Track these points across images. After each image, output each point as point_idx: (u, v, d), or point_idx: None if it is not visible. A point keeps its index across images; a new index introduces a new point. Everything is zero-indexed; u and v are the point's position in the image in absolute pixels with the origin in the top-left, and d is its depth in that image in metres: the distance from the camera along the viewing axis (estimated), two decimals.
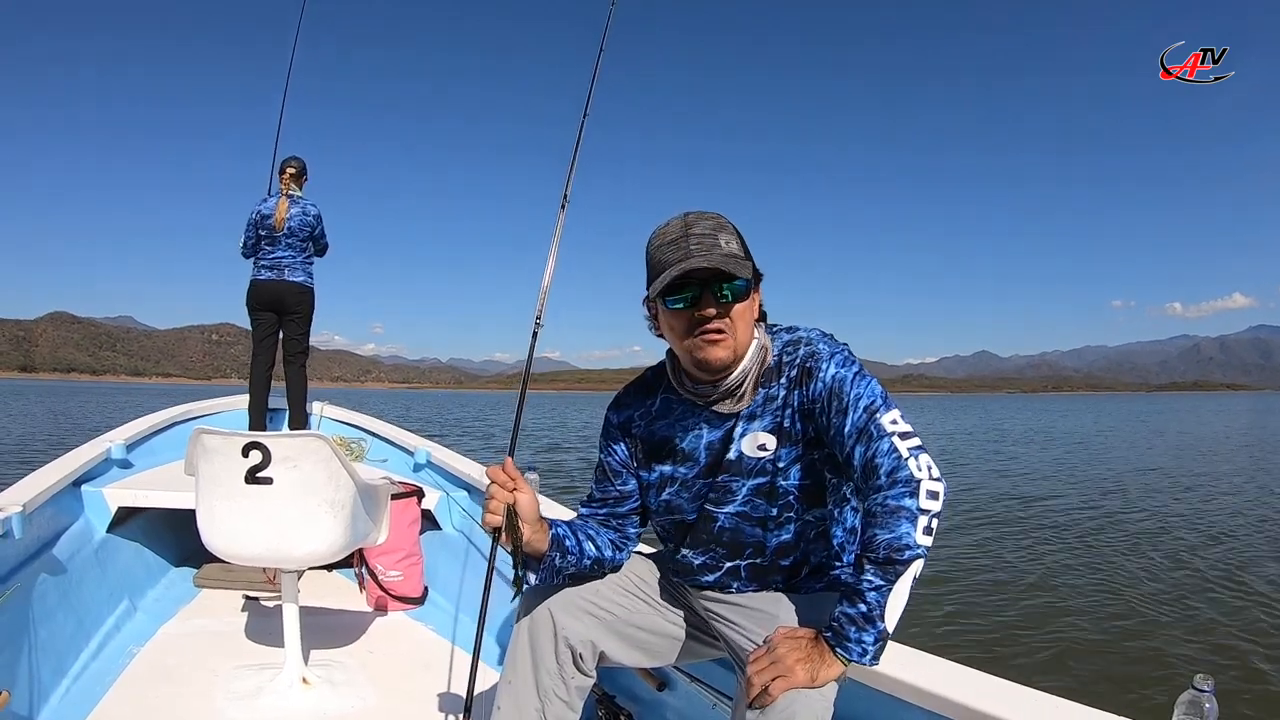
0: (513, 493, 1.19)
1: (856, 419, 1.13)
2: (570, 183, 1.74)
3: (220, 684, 1.96)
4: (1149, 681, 3.40)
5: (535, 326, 1.64)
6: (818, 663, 1.06)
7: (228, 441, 1.72)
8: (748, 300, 1.18)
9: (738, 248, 1.17)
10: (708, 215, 1.19)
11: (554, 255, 1.67)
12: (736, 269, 1.13)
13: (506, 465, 1.21)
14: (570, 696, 1.27)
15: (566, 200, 1.72)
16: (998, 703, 1.12)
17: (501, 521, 1.18)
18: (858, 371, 1.17)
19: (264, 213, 4.24)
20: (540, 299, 1.62)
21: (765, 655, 1.08)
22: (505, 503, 1.18)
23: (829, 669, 1.06)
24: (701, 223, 1.17)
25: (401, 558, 2.69)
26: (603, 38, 1.86)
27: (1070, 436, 20.93)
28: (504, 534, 1.19)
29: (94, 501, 2.61)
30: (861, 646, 1.06)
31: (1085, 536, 6.59)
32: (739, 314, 1.17)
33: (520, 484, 1.20)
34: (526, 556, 1.23)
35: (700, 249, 1.13)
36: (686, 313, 1.17)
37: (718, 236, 1.16)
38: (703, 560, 1.30)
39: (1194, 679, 1.04)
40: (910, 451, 1.10)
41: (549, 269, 1.68)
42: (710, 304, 1.15)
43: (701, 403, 1.25)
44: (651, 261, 1.19)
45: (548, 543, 1.24)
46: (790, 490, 1.22)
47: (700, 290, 1.15)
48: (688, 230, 1.16)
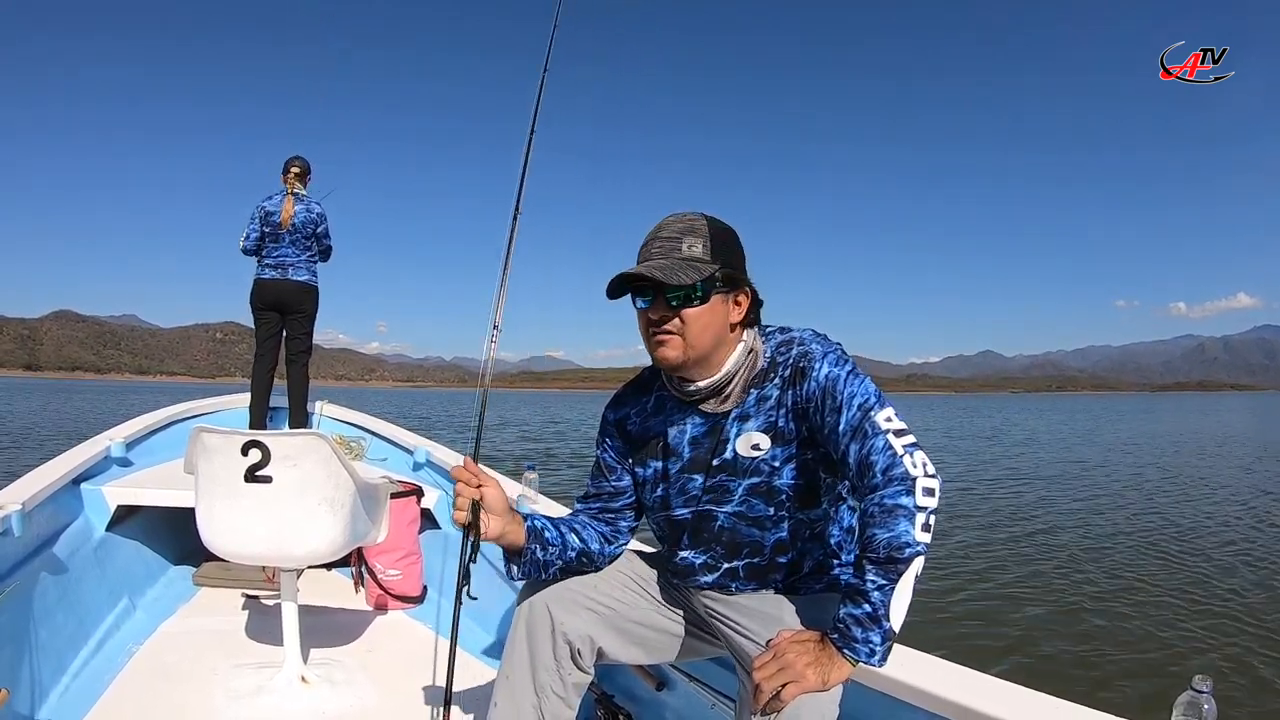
0: (478, 488, 1.23)
1: (851, 417, 1.13)
2: (521, 197, 1.75)
3: (219, 682, 1.96)
4: (1148, 682, 3.40)
5: (494, 334, 1.68)
6: (827, 665, 1.06)
7: (227, 440, 1.72)
8: (704, 305, 1.17)
9: (701, 251, 1.17)
10: (684, 217, 1.21)
11: (508, 265, 1.69)
12: (676, 277, 1.14)
13: (467, 463, 1.26)
14: (567, 693, 1.27)
15: (519, 212, 1.74)
16: (997, 703, 1.11)
17: (468, 517, 1.23)
18: (851, 370, 1.18)
19: (269, 210, 4.24)
20: (496, 305, 1.64)
21: (772, 660, 1.08)
22: (470, 498, 1.23)
23: (839, 671, 1.06)
24: (671, 225, 1.20)
25: (401, 557, 2.69)
26: (546, 57, 1.86)
27: (1072, 436, 20.91)
28: (472, 529, 1.24)
29: (93, 500, 2.61)
30: (869, 647, 1.06)
31: (1085, 537, 6.59)
32: (694, 317, 1.17)
33: (484, 479, 1.25)
34: (507, 550, 1.28)
35: (660, 253, 1.17)
36: (643, 314, 1.21)
37: (681, 240, 1.18)
38: (702, 560, 1.30)
39: (1192, 680, 1.04)
40: (905, 448, 1.10)
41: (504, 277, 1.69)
42: (660, 307, 1.18)
43: (688, 401, 1.28)
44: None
45: (524, 535, 1.27)
46: (785, 490, 1.22)
47: (654, 294, 1.19)
48: (657, 234, 1.20)
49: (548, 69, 1.84)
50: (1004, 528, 6.87)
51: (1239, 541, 6.38)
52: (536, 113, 1.82)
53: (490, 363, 1.68)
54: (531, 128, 1.80)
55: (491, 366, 1.68)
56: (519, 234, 1.75)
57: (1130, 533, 6.79)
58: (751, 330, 1.25)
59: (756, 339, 1.26)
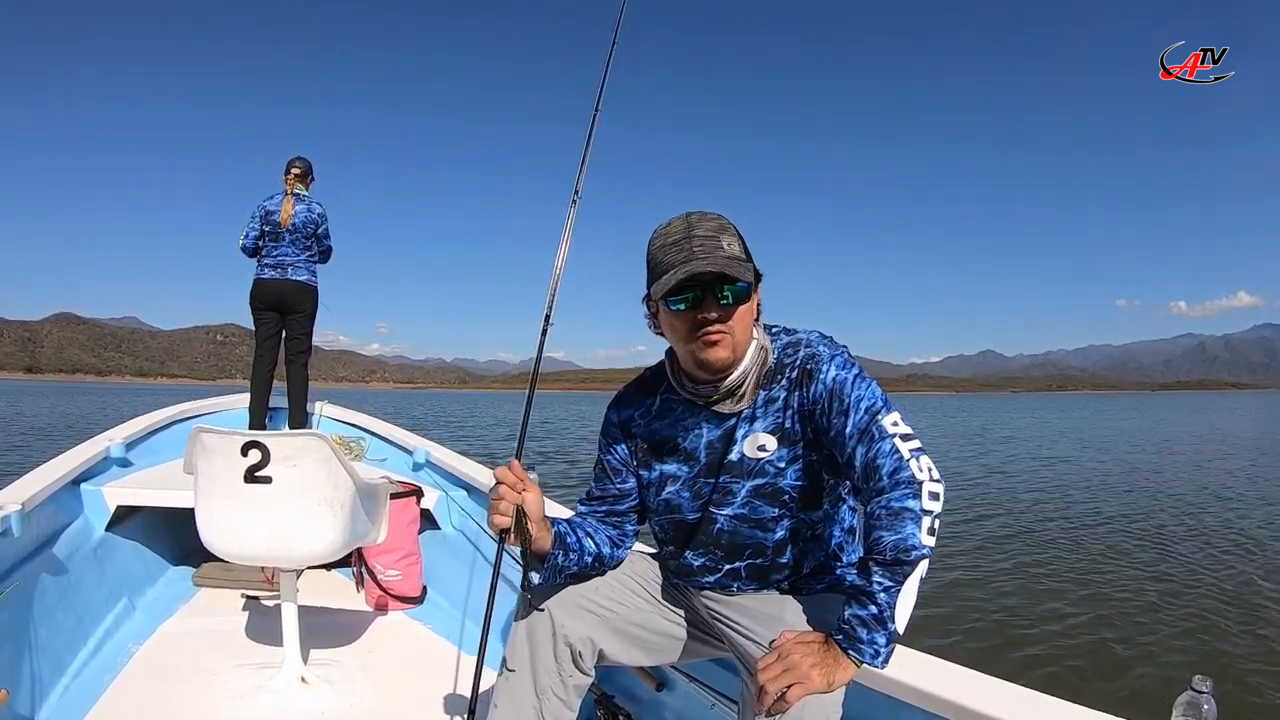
0: (521, 493, 1.21)
1: (858, 420, 1.14)
2: (582, 178, 1.72)
3: (219, 683, 1.96)
4: (1148, 682, 3.40)
5: (545, 324, 1.63)
6: (832, 667, 1.06)
7: (227, 440, 1.72)
8: (748, 302, 1.18)
9: (739, 250, 1.18)
10: (710, 216, 1.19)
11: (564, 251, 1.65)
12: (739, 272, 1.13)
13: (514, 466, 1.23)
14: (568, 695, 1.27)
15: (578, 195, 1.71)
16: (997, 704, 1.11)
17: (510, 522, 1.20)
18: (858, 374, 1.18)
19: (269, 209, 4.24)
20: (550, 295, 1.59)
21: (777, 661, 1.07)
22: (514, 503, 1.20)
23: (843, 672, 1.06)
24: (704, 224, 1.17)
25: (400, 557, 2.68)
26: (616, 30, 1.83)
27: (1078, 437, 20.92)
28: (512, 534, 1.20)
29: (93, 500, 2.61)
30: (874, 648, 1.05)
31: (1084, 538, 6.59)
32: (739, 316, 1.17)
33: (528, 484, 1.22)
34: (531, 555, 1.25)
35: (703, 251, 1.14)
36: (689, 314, 1.17)
37: (720, 238, 1.16)
38: (702, 562, 1.30)
39: (1192, 680, 1.04)
40: (911, 453, 1.10)
41: (559, 264, 1.65)
42: (712, 306, 1.15)
43: (701, 402, 1.26)
44: (653, 261, 1.19)
45: (551, 541, 1.26)
46: (788, 491, 1.22)
47: (702, 292, 1.15)
48: (690, 231, 1.16)
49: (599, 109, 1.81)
50: (1004, 527, 6.88)
51: (1239, 542, 6.38)
52: (602, 91, 1.78)
53: (540, 359, 1.64)
54: (596, 106, 1.76)
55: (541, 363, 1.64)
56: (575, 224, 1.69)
57: (1129, 533, 6.79)
58: (759, 328, 1.25)
59: (764, 336, 1.26)
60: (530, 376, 1.59)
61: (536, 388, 1.56)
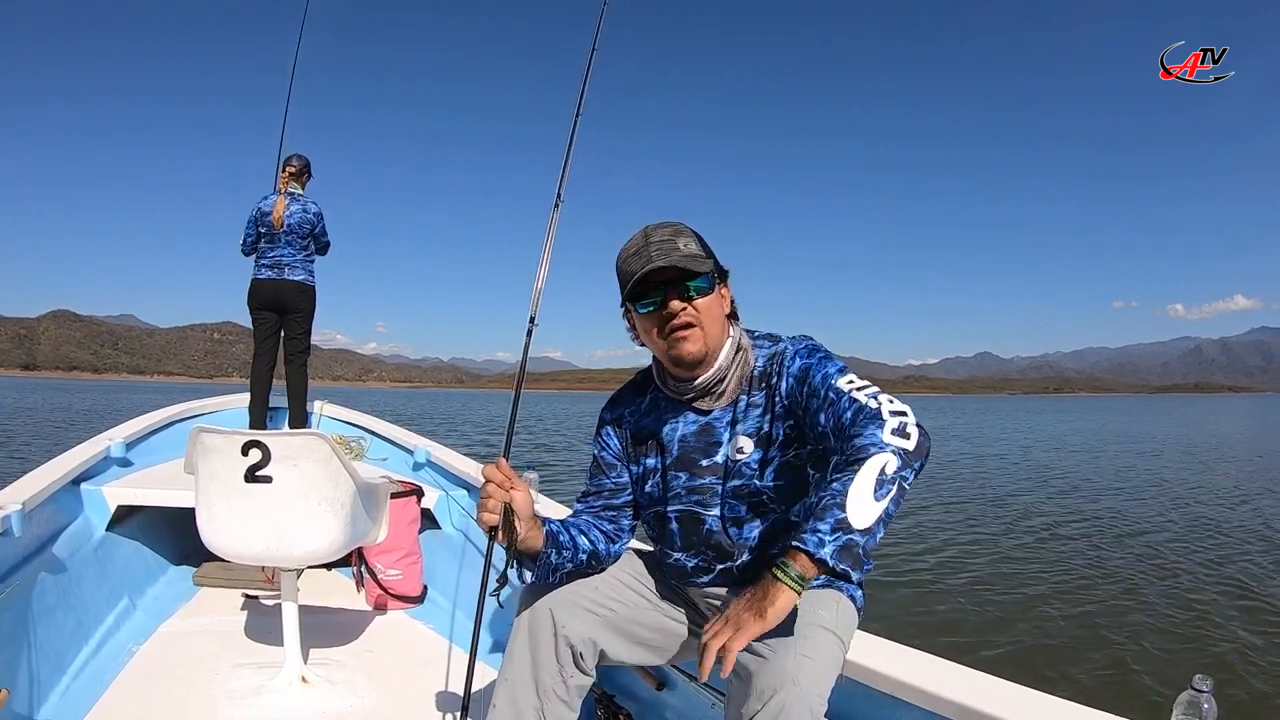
0: (509, 491, 1.21)
1: (820, 394, 1.17)
2: (564, 183, 1.74)
3: (219, 682, 1.96)
4: (1148, 681, 3.40)
5: (530, 326, 1.66)
6: (762, 600, 0.97)
7: (227, 440, 1.72)
8: (713, 295, 1.25)
9: (696, 248, 1.24)
10: (667, 223, 1.27)
11: (548, 255, 1.68)
12: (695, 266, 1.21)
13: (501, 464, 1.25)
14: (569, 695, 1.27)
15: (560, 200, 1.73)
16: (997, 703, 1.12)
17: (498, 520, 1.21)
18: (822, 356, 1.23)
19: (263, 210, 4.22)
20: (534, 298, 1.62)
21: (718, 622, 1.01)
22: (502, 501, 1.21)
23: (777, 597, 0.97)
24: (660, 230, 1.25)
25: (401, 556, 2.69)
26: (595, 36, 1.86)
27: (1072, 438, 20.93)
28: (500, 532, 1.21)
29: (93, 500, 2.61)
30: (818, 536, 0.95)
31: (1084, 538, 6.60)
32: (705, 310, 1.24)
33: (516, 482, 1.23)
34: (522, 554, 1.26)
35: (660, 253, 1.21)
36: (656, 315, 1.24)
37: (676, 240, 1.23)
38: (695, 563, 1.32)
39: (1193, 679, 1.04)
40: (868, 396, 1.13)
41: (543, 269, 1.68)
42: (676, 303, 1.22)
43: (682, 400, 1.32)
44: (621, 275, 1.27)
45: (543, 540, 1.27)
46: (765, 491, 1.25)
47: (666, 292, 1.23)
48: (647, 240, 1.24)
49: (580, 113, 1.83)
50: (1003, 528, 6.88)
51: (1240, 541, 6.38)
52: (582, 98, 1.81)
53: (526, 359, 1.66)
54: (577, 110, 1.79)
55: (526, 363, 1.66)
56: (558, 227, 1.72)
57: (1129, 534, 6.79)
58: (736, 326, 1.31)
59: (744, 337, 1.31)
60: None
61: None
